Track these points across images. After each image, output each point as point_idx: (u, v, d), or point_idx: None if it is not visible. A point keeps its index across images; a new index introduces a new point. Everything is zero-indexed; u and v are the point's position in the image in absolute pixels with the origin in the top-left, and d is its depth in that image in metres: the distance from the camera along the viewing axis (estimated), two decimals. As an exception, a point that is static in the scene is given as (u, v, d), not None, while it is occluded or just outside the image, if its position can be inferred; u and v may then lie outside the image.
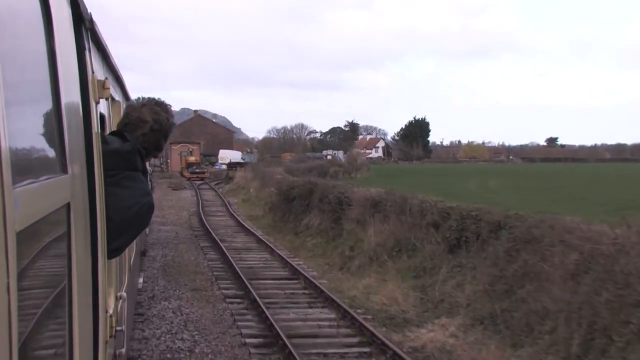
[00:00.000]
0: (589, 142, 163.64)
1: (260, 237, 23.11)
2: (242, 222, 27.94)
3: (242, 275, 15.66)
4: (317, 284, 14.84)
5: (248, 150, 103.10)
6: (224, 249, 19.64)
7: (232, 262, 17.46)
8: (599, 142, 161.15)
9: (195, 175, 65.47)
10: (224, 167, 79.33)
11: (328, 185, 25.03)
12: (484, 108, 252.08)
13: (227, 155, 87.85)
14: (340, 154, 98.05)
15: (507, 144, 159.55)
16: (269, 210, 29.65)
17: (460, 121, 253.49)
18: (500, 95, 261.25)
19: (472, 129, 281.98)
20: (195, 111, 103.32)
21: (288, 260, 18.10)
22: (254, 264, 18.28)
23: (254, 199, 38.31)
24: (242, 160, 79.30)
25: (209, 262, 18.58)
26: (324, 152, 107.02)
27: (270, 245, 20.90)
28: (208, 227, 25.63)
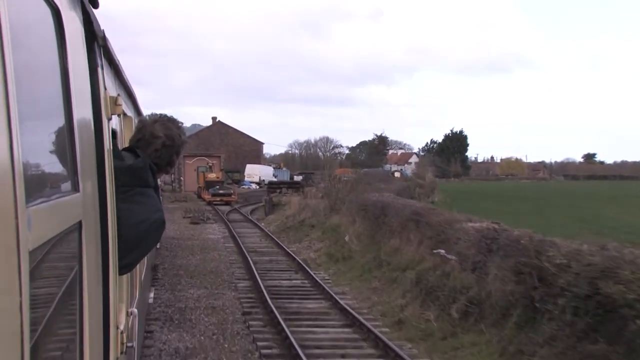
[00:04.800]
0: (609, 160, 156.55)
1: None
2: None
3: None
4: None
5: (275, 165, 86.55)
6: None
7: None
8: (620, 159, 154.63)
9: (218, 199, 49.51)
10: (255, 186, 66.40)
11: None
12: (506, 123, 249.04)
13: (256, 172, 72.73)
14: (408, 170, 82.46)
15: (528, 159, 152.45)
16: (462, 319, 12.00)
17: (482, 137, 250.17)
18: (523, 111, 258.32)
19: (497, 145, 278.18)
20: (214, 118, 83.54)
21: None
22: None
23: (359, 257, 19.39)
24: (274, 178, 66.29)
25: None
26: (387, 167, 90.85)
27: None
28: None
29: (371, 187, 32.08)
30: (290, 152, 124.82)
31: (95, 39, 2.70)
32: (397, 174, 69.58)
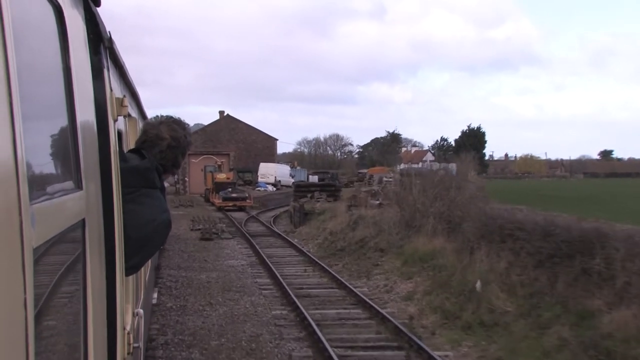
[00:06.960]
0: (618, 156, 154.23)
1: None
2: None
3: None
4: None
5: (291, 164, 79.01)
6: None
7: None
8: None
9: (231, 204, 42.46)
10: (271, 188, 59.93)
11: None
12: (515, 121, 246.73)
13: (272, 171, 64.39)
14: (454, 168, 78.93)
15: (546, 157, 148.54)
16: None
17: (491, 135, 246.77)
18: (532, 108, 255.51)
19: (508, 142, 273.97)
20: (222, 112, 71.88)
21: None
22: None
23: (524, 329, 11.06)
24: (292, 179, 60.56)
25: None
26: (403, 166, 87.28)
27: None
28: None
29: (462, 192, 21.47)
30: (299, 150, 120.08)
31: (101, 41, 2.72)
32: (441, 172, 61.30)
